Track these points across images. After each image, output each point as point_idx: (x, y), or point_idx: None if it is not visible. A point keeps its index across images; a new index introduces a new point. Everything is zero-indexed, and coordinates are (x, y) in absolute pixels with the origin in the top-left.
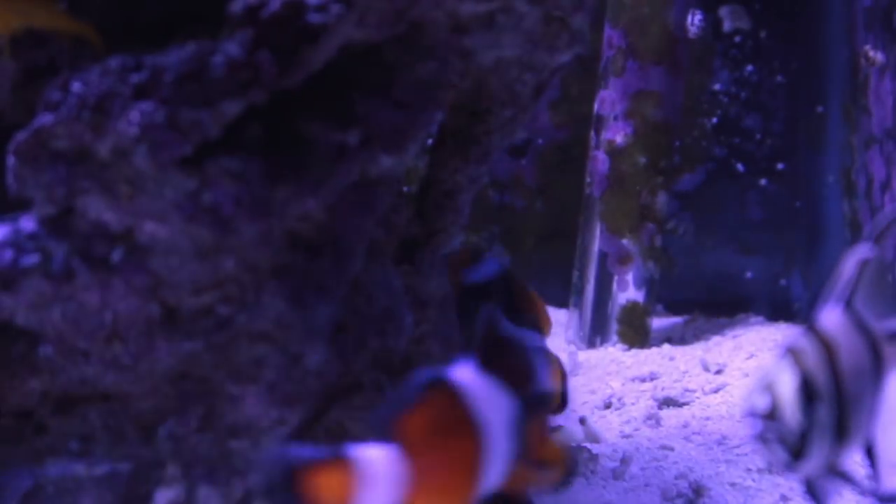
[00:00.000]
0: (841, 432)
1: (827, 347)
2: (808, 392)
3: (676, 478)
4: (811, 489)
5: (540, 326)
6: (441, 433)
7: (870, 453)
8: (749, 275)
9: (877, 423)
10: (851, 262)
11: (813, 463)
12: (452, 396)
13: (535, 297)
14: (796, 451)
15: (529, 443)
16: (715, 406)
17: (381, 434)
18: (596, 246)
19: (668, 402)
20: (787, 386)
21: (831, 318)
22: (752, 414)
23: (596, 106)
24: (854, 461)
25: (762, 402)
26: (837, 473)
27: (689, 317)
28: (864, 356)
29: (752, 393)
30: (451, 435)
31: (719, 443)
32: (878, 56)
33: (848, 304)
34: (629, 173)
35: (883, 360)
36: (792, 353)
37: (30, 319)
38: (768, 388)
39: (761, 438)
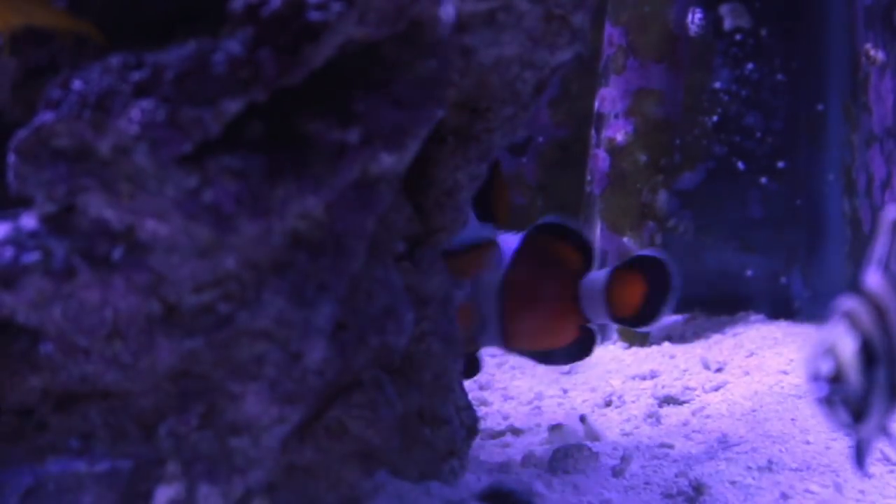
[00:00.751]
0: (893, 393)
1: (878, 310)
2: (868, 354)
3: (677, 476)
4: (860, 450)
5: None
6: None
7: None
8: (749, 273)
9: None
10: (887, 224)
11: (872, 424)
12: None
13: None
14: (858, 412)
15: None
16: (715, 404)
17: None
18: (596, 244)
19: (668, 400)
20: (848, 349)
21: (876, 280)
22: (816, 377)
23: (596, 104)
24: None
25: (826, 366)
26: (887, 434)
27: (690, 315)
28: None
29: (814, 356)
30: None
31: (719, 441)
32: (879, 55)
33: (887, 267)
34: (630, 171)
35: None
36: (848, 316)
37: (30, 317)
38: (830, 351)
39: (827, 401)
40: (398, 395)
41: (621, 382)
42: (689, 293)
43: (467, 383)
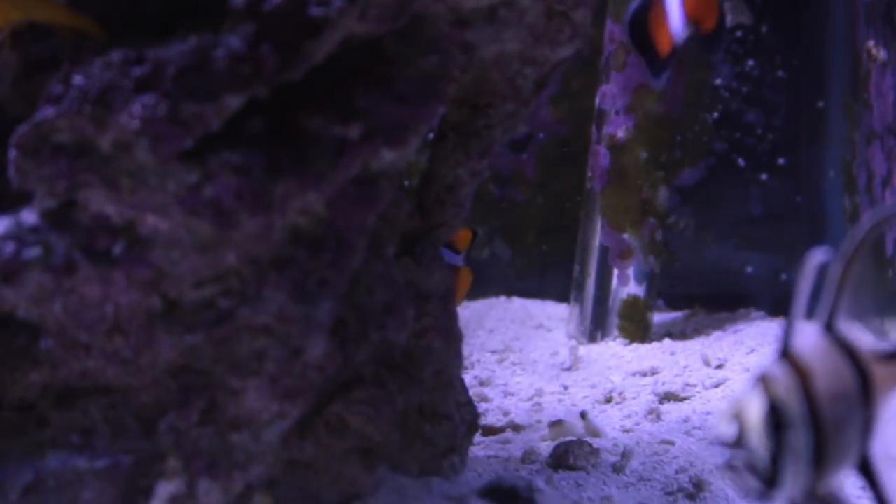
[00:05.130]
0: (821, 458)
1: (801, 372)
2: (775, 418)
3: (677, 472)
4: None
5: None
6: None
7: (869, 478)
8: (750, 270)
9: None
10: (809, 271)
11: (788, 490)
12: None
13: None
14: (769, 478)
15: None
16: (715, 401)
17: None
18: (597, 240)
19: (668, 397)
20: (753, 413)
21: (807, 338)
22: (719, 442)
23: (597, 100)
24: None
25: (729, 431)
26: (824, 499)
27: (690, 311)
28: (846, 379)
29: (719, 422)
30: None
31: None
32: (880, 53)
33: (829, 322)
34: (630, 168)
35: (871, 383)
36: (762, 380)
37: (31, 312)
38: (736, 416)
39: (729, 467)
40: (398, 390)
41: (622, 379)
42: (689, 290)
43: (468, 379)
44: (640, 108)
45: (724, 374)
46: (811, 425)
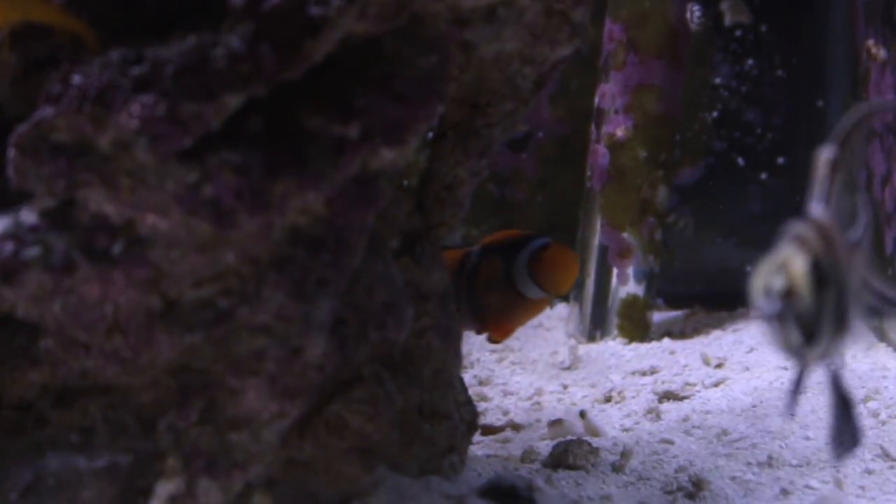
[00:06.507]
0: (845, 316)
1: (826, 236)
2: (819, 274)
3: (676, 471)
4: (799, 382)
5: None
6: None
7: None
8: (749, 269)
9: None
10: (822, 163)
11: (820, 349)
12: None
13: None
14: (809, 333)
15: None
16: (715, 400)
17: None
18: (596, 239)
19: (668, 396)
20: (800, 267)
21: (821, 212)
22: (768, 294)
23: (596, 99)
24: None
25: (778, 282)
26: (832, 362)
27: (690, 311)
28: (846, 248)
29: (764, 274)
30: None
31: (719, 436)
32: (880, 52)
33: (828, 203)
34: (629, 167)
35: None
36: (798, 239)
37: (30, 312)
38: (781, 268)
39: (779, 318)
40: (398, 390)
41: (621, 378)
42: (688, 289)
43: (467, 379)
44: (639, 108)
45: (723, 373)
46: (839, 287)
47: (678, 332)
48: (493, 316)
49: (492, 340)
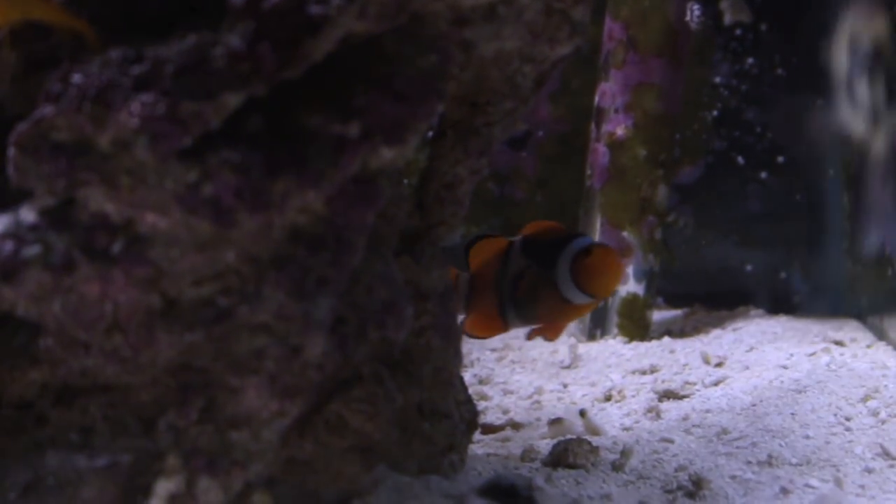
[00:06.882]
0: None
1: None
2: None
3: (676, 470)
4: None
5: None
6: None
7: None
8: (749, 268)
9: None
10: None
11: None
12: None
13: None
14: None
15: None
16: (715, 398)
17: None
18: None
19: (668, 395)
20: None
21: None
22: None
23: (596, 98)
24: None
25: None
26: None
27: (689, 309)
28: None
29: None
30: None
31: (719, 435)
32: None
33: None
34: (629, 166)
35: None
36: None
37: (30, 311)
38: None
39: None
40: (398, 389)
41: (621, 377)
42: (688, 288)
43: (467, 378)
44: (639, 107)
45: (723, 372)
46: None
47: (678, 330)
48: (543, 318)
49: (546, 339)
